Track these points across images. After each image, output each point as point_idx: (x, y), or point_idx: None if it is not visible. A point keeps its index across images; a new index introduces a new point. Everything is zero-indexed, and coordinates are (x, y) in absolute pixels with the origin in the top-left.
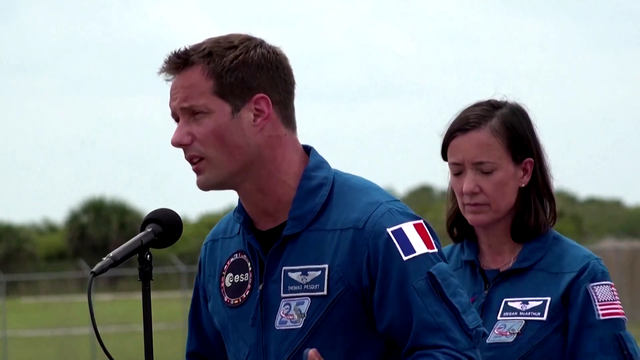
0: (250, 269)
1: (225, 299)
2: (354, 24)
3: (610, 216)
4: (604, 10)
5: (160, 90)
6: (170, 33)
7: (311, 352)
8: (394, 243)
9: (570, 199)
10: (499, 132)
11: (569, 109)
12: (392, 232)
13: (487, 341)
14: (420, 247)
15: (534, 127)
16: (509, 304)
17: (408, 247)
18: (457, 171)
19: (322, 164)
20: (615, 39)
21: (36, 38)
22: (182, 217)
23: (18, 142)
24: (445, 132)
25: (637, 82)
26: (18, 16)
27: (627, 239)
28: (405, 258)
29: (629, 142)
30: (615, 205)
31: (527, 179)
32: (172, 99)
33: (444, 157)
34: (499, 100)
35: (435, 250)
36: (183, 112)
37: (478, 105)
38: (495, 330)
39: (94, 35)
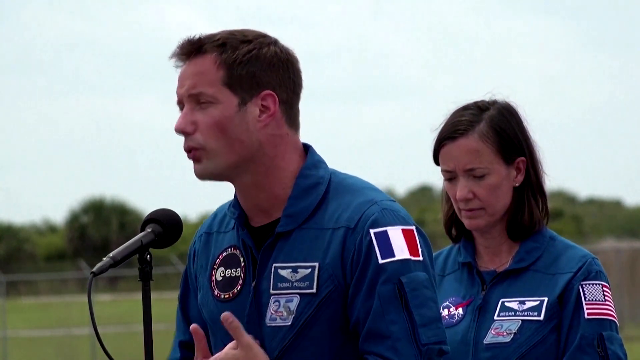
0: (242, 264)
1: (215, 293)
2: (353, 23)
3: (610, 216)
4: (603, 10)
5: (160, 90)
6: (170, 33)
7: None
8: (374, 244)
9: (570, 199)
10: (488, 137)
11: (568, 109)
12: (375, 233)
13: (484, 342)
14: (401, 253)
15: (525, 124)
16: (506, 304)
17: (387, 251)
18: (449, 177)
19: (319, 163)
20: (615, 39)
21: (36, 38)
22: (182, 217)
23: (18, 142)
24: (434, 139)
25: (637, 82)
26: (18, 16)
27: (627, 239)
28: (381, 261)
29: (629, 142)
30: (615, 205)
31: (520, 178)
32: (180, 85)
33: (437, 162)
34: (487, 100)
35: (420, 258)
36: (190, 99)
37: (466, 109)
38: (492, 331)
39: (94, 35)
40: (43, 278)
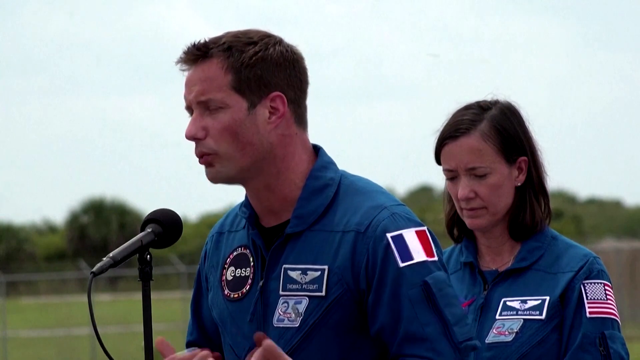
0: (252, 264)
1: (226, 292)
2: (353, 23)
3: (610, 216)
4: (603, 10)
5: (160, 91)
6: (170, 33)
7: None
8: (392, 249)
9: (570, 199)
10: (490, 136)
11: (568, 109)
12: (391, 237)
13: (486, 341)
14: (418, 255)
15: (526, 124)
16: (508, 303)
17: (406, 254)
18: (451, 177)
19: (329, 164)
20: (615, 39)
21: (36, 38)
22: (182, 217)
23: (18, 142)
24: (436, 138)
25: (637, 82)
26: (16, 16)
27: (627, 239)
28: (401, 265)
29: (629, 142)
30: (615, 205)
31: (522, 177)
32: (188, 91)
33: (438, 162)
34: (489, 100)
35: (435, 258)
36: (199, 105)
37: (468, 108)
38: (494, 330)
39: (94, 35)
40: (43, 278)
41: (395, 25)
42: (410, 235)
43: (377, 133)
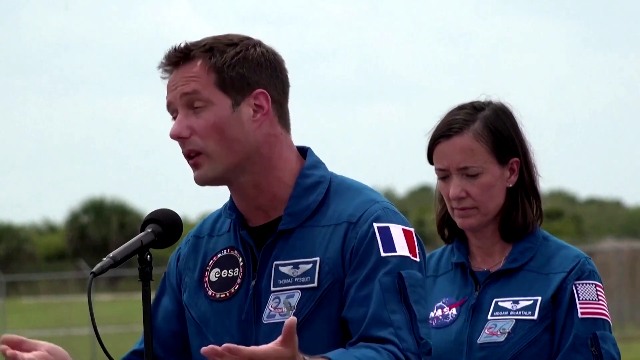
0: (241, 264)
1: (210, 293)
2: (353, 23)
3: (610, 216)
4: (603, 10)
5: (159, 91)
6: (169, 33)
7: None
8: (377, 238)
9: (570, 199)
10: (482, 136)
11: (568, 109)
12: (378, 227)
13: (478, 341)
14: (402, 249)
15: (519, 125)
16: (500, 303)
17: (389, 245)
18: (443, 176)
19: (319, 163)
20: (615, 39)
21: (35, 38)
22: (182, 217)
23: (18, 142)
24: (429, 137)
25: (637, 82)
26: (16, 16)
27: (627, 239)
28: (382, 254)
29: (629, 142)
30: (615, 206)
31: (514, 178)
32: (170, 90)
33: (431, 162)
34: (482, 101)
35: (418, 259)
36: (183, 102)
37: (461, 108)
38: (486, 330)
39: (94, 35)
40: (43, 278)
41: (395, 25)
42: (396, 230)
43: (377, 133)
